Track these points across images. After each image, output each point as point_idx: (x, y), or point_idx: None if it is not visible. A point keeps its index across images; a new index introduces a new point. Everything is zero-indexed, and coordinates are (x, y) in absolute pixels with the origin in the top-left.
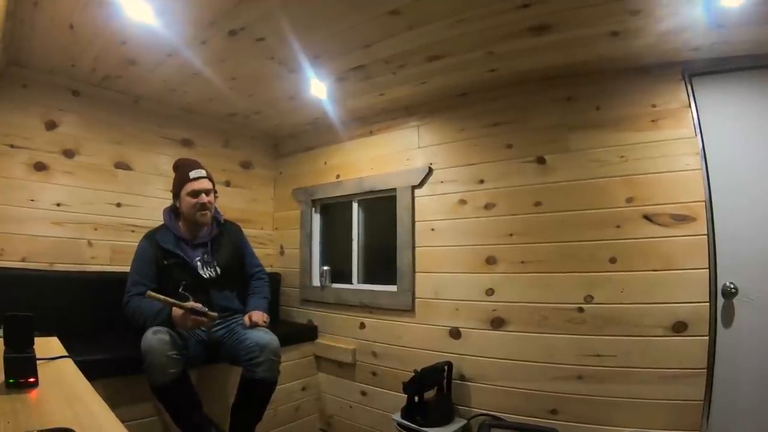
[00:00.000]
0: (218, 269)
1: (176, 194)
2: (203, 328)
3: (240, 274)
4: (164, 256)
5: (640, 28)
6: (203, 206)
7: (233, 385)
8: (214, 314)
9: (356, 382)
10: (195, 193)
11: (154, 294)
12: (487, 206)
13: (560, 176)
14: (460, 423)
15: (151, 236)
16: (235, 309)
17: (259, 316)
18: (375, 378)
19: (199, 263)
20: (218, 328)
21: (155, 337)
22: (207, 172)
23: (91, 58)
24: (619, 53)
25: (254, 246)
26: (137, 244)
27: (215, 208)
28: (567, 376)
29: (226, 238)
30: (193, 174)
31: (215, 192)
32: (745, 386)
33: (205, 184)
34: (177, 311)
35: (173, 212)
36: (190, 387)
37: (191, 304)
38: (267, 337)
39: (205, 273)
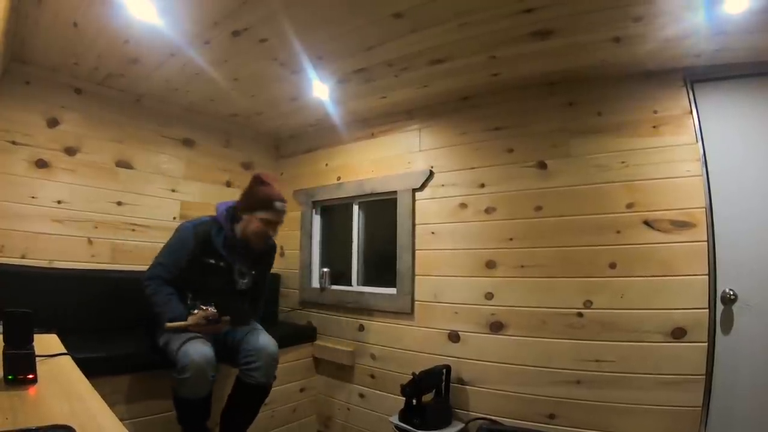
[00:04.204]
0: (249, 282)
1: (247, 209)
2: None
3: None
4: (207, 254)
5: (642, 35)
6: (268, 238)
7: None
8: (227, 319)
9: (354, 384)
10: (268, 223)
11: (171, 325)
12: (488, 210)
13: (561, 181)
14: (457, 426)
15: (199, 227)
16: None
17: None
18: (373, 380)
19: (237, 272)
20: None
21: (201, 354)
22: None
23: (94, 56)
24: (621, 59)
25: None
26: (179, 226)
27: None
28: (565, 380)
29: (267, 258)
30: (278, 206)
31: None
32: (744, 393)
33: (282, 218)
34: (194, 324)
35: (231, 213)
36: (209, 402)
37: (206, 314)
38: (266, 340)
39: (240, 284)
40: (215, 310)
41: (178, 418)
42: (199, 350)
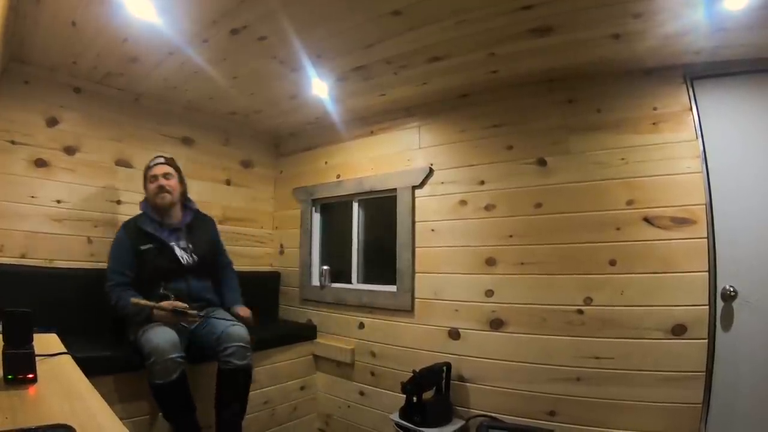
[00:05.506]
0: (195, 257)
1: (144, 185)
2: (185, 324)
3: (214, 265)
4: (141, 241)
5: (641, 31)
6: (161, 188)
7: None
8: (194, 312)
9: (355, 381)
10: (153, 178)
11: (137, 301)
12: (488, 207)
13: (561, 178)
14: (458, 424)
15: (127, 224)
16: (210, 299)
17: (245, 312)
18: (374, 378)
19: (176, 248)
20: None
21: (162, 338)
22: (167, 158)
23: (93, 55)
24: (621, 56)
25: (253, 245)
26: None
27: (186, 196)
28: (565, 377)
29: (202, 228)
30: (151, 161)
31: (181, 180)
32: (744, 390)
33: (163, 168)
34: (159, 312)
35: (148, 201)
36: (187, 389)
37: (173, 303)
38: (234, 326)
39: (184, 259)
40: (185, 304)
41: (162, 414)
42: (160, 334)
